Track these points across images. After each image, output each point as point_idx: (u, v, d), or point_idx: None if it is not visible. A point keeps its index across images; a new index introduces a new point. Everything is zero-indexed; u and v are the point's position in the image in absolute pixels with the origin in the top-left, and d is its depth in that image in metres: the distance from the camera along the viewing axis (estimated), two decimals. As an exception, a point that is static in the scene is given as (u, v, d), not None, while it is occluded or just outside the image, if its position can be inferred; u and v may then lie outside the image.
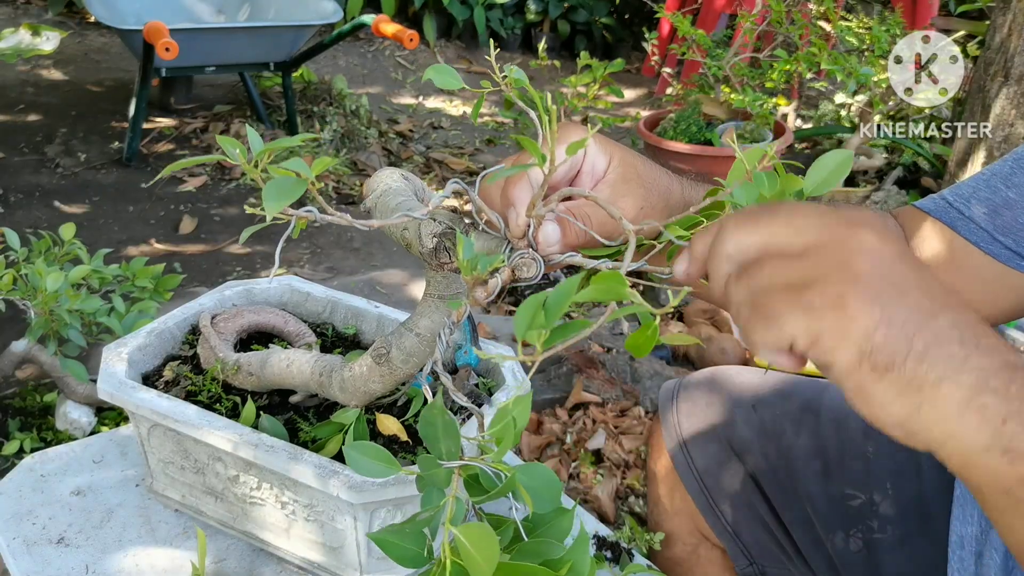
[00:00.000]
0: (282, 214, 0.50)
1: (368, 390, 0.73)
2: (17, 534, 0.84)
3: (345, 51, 4.45)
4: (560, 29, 4.83)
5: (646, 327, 0.45)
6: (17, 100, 3.52)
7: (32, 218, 2.67)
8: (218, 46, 2.97)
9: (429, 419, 0.47)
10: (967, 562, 0.83)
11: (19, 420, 1.63)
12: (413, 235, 0.64)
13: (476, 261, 0.52)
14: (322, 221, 0.51)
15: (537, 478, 0.44)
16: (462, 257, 0.52)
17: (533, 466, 0.44)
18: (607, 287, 0.43)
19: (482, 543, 0.37)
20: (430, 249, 0.62)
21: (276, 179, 0.47)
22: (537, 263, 0.57)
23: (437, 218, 0.63)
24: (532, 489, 0.43)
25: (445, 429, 0.46)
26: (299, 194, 0.47)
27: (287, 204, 0.47)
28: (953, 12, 4.24)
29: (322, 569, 0.80)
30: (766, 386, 1.03)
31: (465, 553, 0.38)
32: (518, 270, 0.57)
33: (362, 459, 0.47)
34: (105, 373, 0.83)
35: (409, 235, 0.64)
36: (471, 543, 0.37)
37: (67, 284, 1.46)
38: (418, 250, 0.63)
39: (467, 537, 0.38)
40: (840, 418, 0.97)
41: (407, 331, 0.69)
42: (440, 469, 0.44)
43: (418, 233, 0.63)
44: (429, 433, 0.46)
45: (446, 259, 0.62)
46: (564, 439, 1.74)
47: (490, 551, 0.37)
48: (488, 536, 0.37)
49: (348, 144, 3.32)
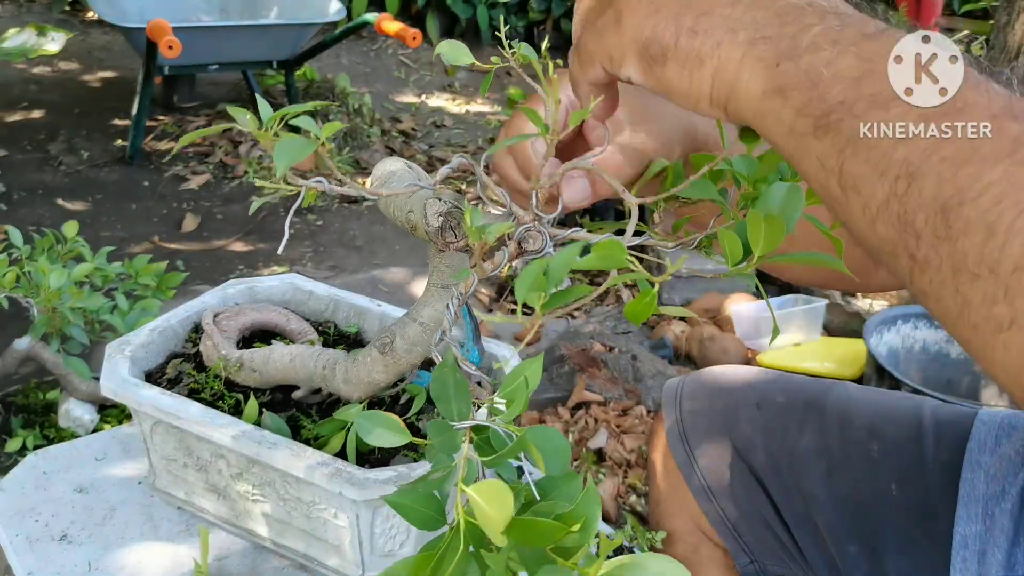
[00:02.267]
0: (292, 184, 0.50)
1: (372, 380, 0.73)
2: (20, 531, 0.85)
3: (348, 49, 4.46)
4: (563, 28, 4.83)
5: (644, 294, 0.46)
6: (20, 98, 3.52)
7: (35, 216, 2.67)
8: (221, 44, 2.98)
9: (440, 379, 0.47)
10: (970, 561, 0.83)
11: (22, 417, 1.63)
12: (419, 216, 0.64)
13: (485, 228, 0.53)
14: (332, 192, 0.52)
15: (547, 440, 0.44)
16: (470, 224, 0.53)
17: (543, 428, 0.45)
18: (607, 254, 0.44)
19: (496, 500, 0.37)
20: (436, 228, 0.62)
21: (286, 139, 0.48)
22: (543, 236, 0.57)
23: (442, 197, 0.63)
24: (543, 450, 0.43)
25: (457, 388, 0.47)
26: (310, 152, 0.48)
27: (298, 161, 0.47)
28: (958, 11, 4.23)
29: (324, 566, 0.80)
30: (770, 385, 1.03)
31: (479, 511, 0.38)
32: (524, 243, 0.57)
33: (373, 427, 0.47)
34: (108, 370, 0.83)
35: (415, 217, 0.64)
36: (485, 500, 0.37)
37: (70, 282, 1.46)
38: (423, 230, 0.63)
39: (480, 495, 0.38)
40: (844, 418, 0.97)
41: (411, 320, 0.69)
42: (452, 431, 0.45)
43: (423, 213, 0.63)
44: (441, 393, 0.46)
45: (452, 238, 0.62)
46: (566, 438, 1.74)
47: (504, 507, 0.37)
48: (502, 491, 0.37)
49: (351, 143, 3.32)
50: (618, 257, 0.44)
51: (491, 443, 0.45)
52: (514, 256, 0.57)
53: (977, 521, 0.84)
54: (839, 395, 1.00)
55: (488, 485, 0.38)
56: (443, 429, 0.45)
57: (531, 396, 0.47)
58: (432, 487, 0.44)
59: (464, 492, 0.39)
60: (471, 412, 0.46)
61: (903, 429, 0.94)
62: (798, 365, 2.09)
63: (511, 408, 0.45)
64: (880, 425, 0.95)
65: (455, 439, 0.45)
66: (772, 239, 0.44)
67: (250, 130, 0.50)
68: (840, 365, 2.12)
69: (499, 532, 0.38)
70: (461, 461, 0.44)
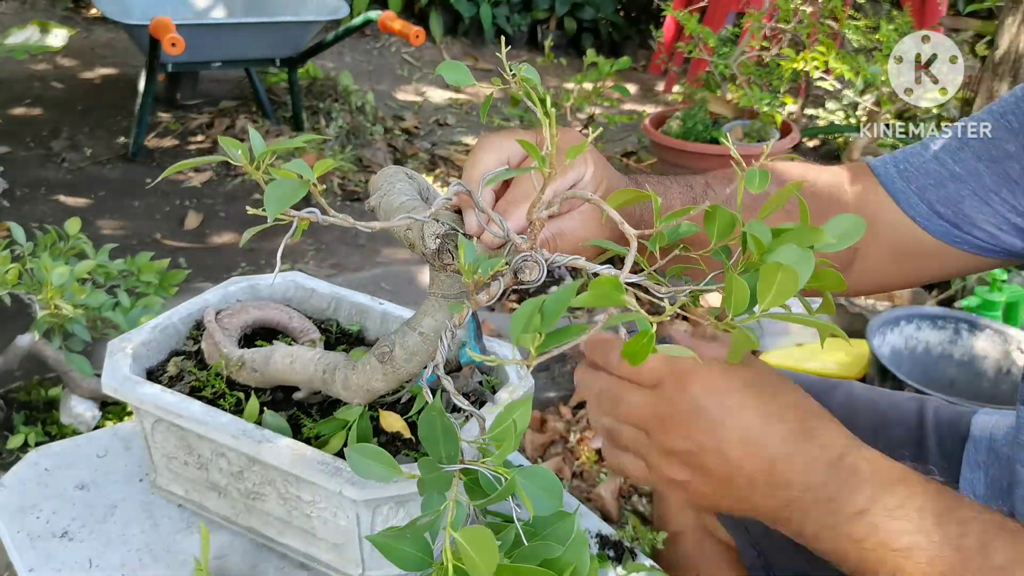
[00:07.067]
0: (284, 215, 0.49)
1: (371, 388, 0.73)
2: (21, 528, 0.85)
3: (351, 47, 4.45)
4: (567, 26, 4.82)
5: (642, 335, 0.44)
6: (23, 95, 3.53)
7: (38, 212, 2.68)
8: (224, 42, 2.97)
9: (428, 421, 0.46)
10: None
11: (24, 414, 1.63)
12: (416, 236, 0.63)
13: (477, 264, 0.52)
14: (324, 223, 0.51)
15: (538, 481, 0.44)
16: (463, 261, 0.52)
17: (534, 469, 0.44)
18: (604, 292, 0.43)
19: (482, 546, 0.37)
20: (433, 250, 0.62)
21: (278, 181, 0.47)
22: (540, 266, 0.56)
23: (440, 219, 0.63)
24: (532, 492, 0.43)
25: (444, 432, 0.46)
26: (300, 196, 0.47)
27: (288, 206, 0.46)
28: (962, 11, 4.22)
29: (324, 565, 0.80)
30: None
31: (466, 556, 0.38)
32: (520, 273, 0.56)
33: (363, 461, 0.47)
34: (109, 368, 0.83)
35: (412, 235, 0.64)
36: (471, 546, 0.37)
37: (72, 279, 1.46)
38: (421, 250, 0.63)
39: (467, 540, 0.38)
40: (849, 417, 0.97)
41: (411, 330, 0.69)
42: (440, 473, 0.44)
43: (421, 234, 0.63)
44: (429, 436, 0.46)
45: (449, 260, 0.62)
46: (568, 437, 1.74)
47: (490, 554, 0.37)
48: (487, 539, 0.37)
49: (354, 141, 3.32)
50: (614, 296, 0.43)
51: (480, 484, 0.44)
52: (510, 286, 0.56)
53: None
54: (844, 394, 1.00)
55: (475, 531, 0.38)
56: (432, 469, 0.45)
57: (532, 395, 0.46)
58: (421, 531, 0.44)
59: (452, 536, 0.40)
60: (460, 454, 0.46)
61: (905, 429, 0.95)
62: (801, 365, 2.09)
63: (501, 449, 0.44)
64: (883, 424, 0.96)
65: (445, 480, 0.45)
66: (784, 291, 0.43)
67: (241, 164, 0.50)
68: (843, 366, 2.12)
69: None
70: (450, 503, 0.44)
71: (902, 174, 0.83)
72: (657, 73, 4.65)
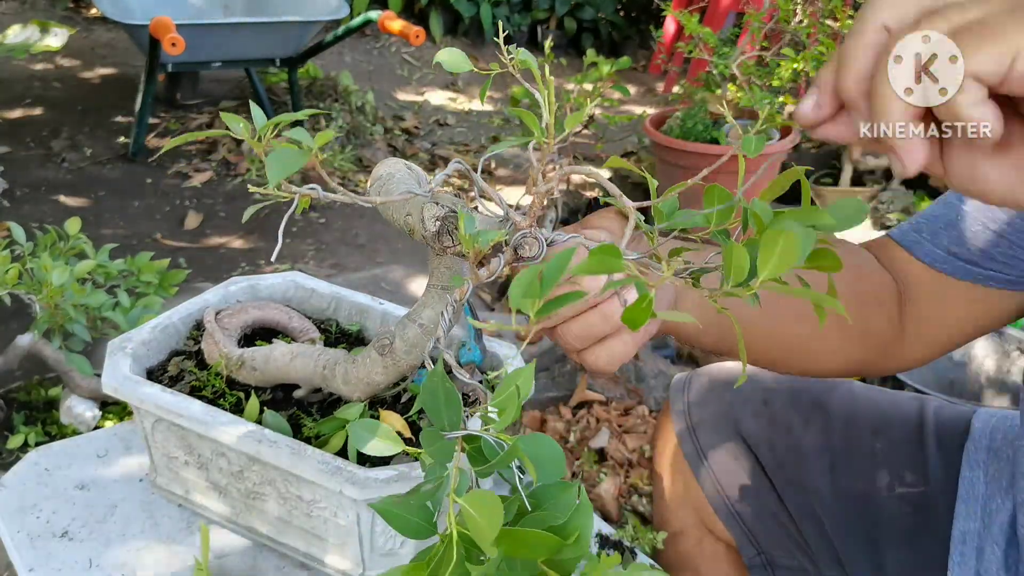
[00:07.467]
0: (285, 192, 0.50)
1: (371, 381, 0.73)
2: (21, 527, 0.85)
3: (351, 47, 4.45)
4: (567, 26, 4.82)
5: (641, 299, 0.44)
6: (23, 94, 3.53)
7: (38, 212, 2.68)
8: (224, 42, 2.97)
9: (430, 388, 0.46)
10: (968, 557, 0.84)
11: (24, 414, 1.63)
12: (416, 220, 0.63)
13: (479, 235, 0.52)
14: (325, 199, 0.51)
15: (540, 448, 0.44)
16: (464, 231, 0.52)
17: (536, 436, 0.44)
18: (602, 260, 0.43)
19: (487, 509, 0.37)
20: (433, 232, 0.62)
21: (279, 150, 0.47)
22: (539, 243, 0.56)
23: (440, 201, 0.63)
24: (535, 458, 0.43)
25: (447, 398, 0.46)
26: (302, 164, 0.47)
27: (291, 173, 0.47)
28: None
29: (324, 565, 0.80)
30: (777, 383, 1.03)
31: (471, 521, 0.37)
32: (520, 249, 0.56)
33: (366, 436, 0.47)
34: (110, 368, 0.83)
35: (412, 220, 0.64)
36: (476, 510, 0.37)
37: (72, 279, 1.46)
38: (421, 234, 0.63)
39: (472, 505, 0.38)
40: (849, 416, 0.98)
41: (410, 322, 0.69)
42: (443, 441, 0.44)
43: (421, 217, 0.63)
44: (431, 403, 0.46)
45: (449, 242, 0.62)
46: (568, 438, 1.74)
47: (495, 517, 0.37)
48: (492, 501, 0.37)
49: (354, 140, 3.32)
50: (614, 263, 0.43)
51: (483, 453, 0.44)
52: (510, 262, 0.56)
53: (975, 519, 0.85)
54: (844, 393, 1.00)
55: (479, 495, 0.38)
56: (435, 438, 0.45)
57: (533, 395, 0.46)
58: (424, 499, 0.43)
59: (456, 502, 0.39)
60: (462, 421, 0.46)
61: (906, 428, 0.95)
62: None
63: (503, 417, 0.44)
64: (883, 423, 0.96)
65: (447, 449, 0.44)
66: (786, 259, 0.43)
67: (243, 138, 0.50)
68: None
69: (490, 542, 0.37)
70: (453, 471, 0.44)
71: (915, 227, 0.81)
72: (657, 73, 4.65)
